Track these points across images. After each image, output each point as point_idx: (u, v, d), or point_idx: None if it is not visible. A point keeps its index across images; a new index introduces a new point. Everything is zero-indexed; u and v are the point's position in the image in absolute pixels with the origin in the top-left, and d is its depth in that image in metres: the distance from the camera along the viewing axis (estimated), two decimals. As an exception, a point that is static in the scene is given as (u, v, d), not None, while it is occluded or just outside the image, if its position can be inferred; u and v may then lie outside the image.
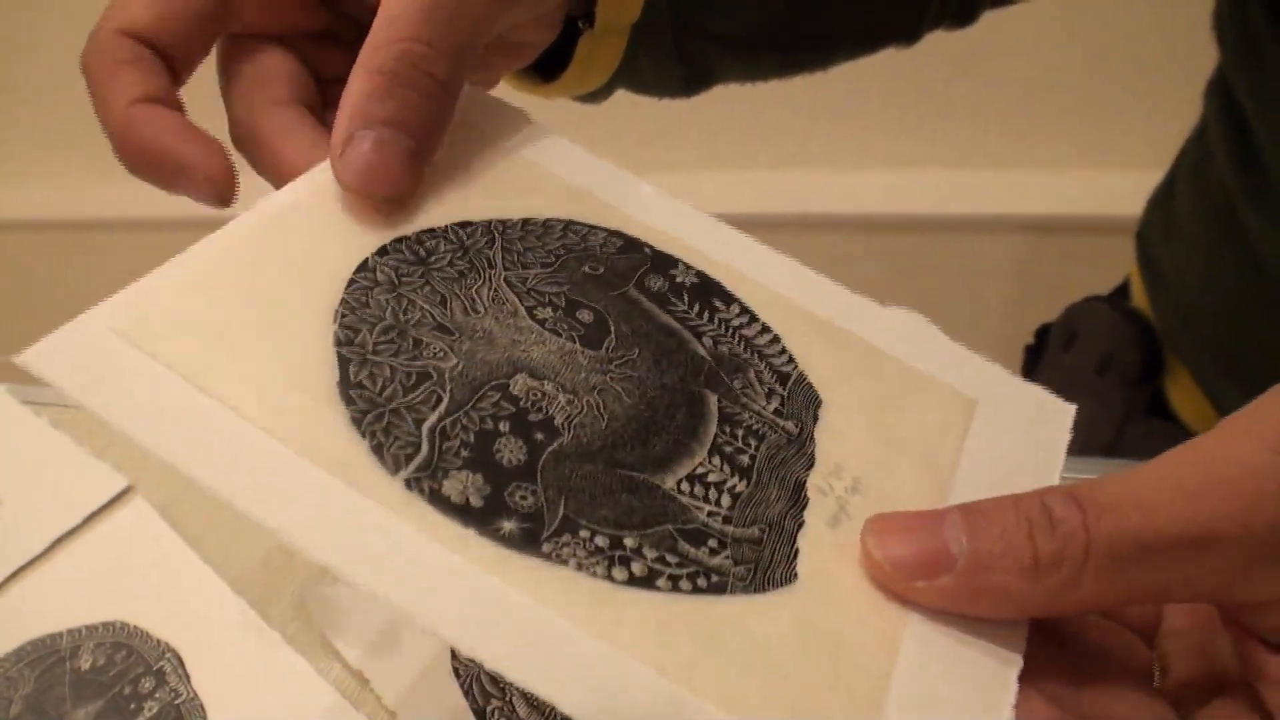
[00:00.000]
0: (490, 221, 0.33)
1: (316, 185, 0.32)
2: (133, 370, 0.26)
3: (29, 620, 0.45)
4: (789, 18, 0.47)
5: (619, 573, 0.25)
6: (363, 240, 0.31)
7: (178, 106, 0.33)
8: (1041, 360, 0.73)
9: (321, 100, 0.37)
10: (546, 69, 0.43)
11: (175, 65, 0.34)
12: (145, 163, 0.32)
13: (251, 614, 0.45)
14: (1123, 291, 0.73)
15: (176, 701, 0.42)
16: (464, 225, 0.32)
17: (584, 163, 0.35)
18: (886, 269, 1.23)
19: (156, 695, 0.42)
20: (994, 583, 0.25)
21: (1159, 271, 0.67)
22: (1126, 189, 0.74)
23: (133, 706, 0.42)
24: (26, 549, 0.47)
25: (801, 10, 0.47)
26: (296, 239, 0.30)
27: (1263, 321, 0.57)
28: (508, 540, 0.25)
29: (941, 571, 0.25)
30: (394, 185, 0.31)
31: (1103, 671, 0.27)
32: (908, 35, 0.52)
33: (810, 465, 0.30)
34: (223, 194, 0.32)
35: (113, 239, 1.40)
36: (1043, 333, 0.76)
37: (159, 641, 0.44)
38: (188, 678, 0.43)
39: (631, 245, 0.34)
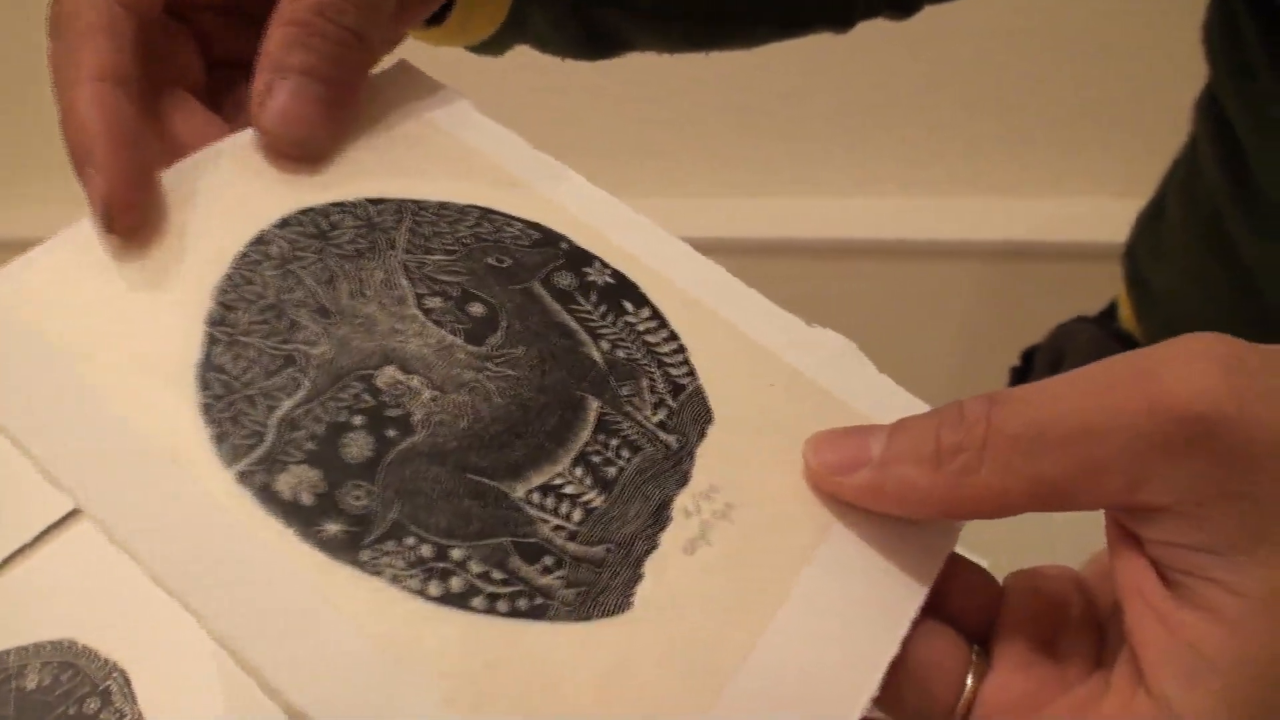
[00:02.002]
0: (404, 201, 0.32)
1: (218, 156, 0.31)
2: (9, 339, 0.26)
3: (-24, 638, 0.44)
4: None
5: (435, 587, 0.24)
6: (265, 210, 0.30)
7: (139, 89, 0.32)
8: (1028, 382, 0.73)
9: (208, 83, 0.36)
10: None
11: (148, 33, 0.33)
12: (71, 147, 0.31)
13: (200, 635, 0.44)
14: (1110, 313, 0.72)
15: (121, 722, 0.41)
16: (376, 202, 0.31)
17: (519, 150, 0.34)
18: (875, 294, 1.22)
19: (101, 716, 0.42)
20: (901, 473, 0.26)
21: (1148, 288, 0.66)
22: (1113, 215, 0.73)
23: (77, 727, 0.41)
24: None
25: None
26: (192, 210, 0.30)
27: (1252, 335, 0.57)
28: (326, 544, 0.24)
29: (860, 467, 0.27)
30: (310, 130, 0.31)
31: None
32: (840, 21, 0.51)
33: (683, 484, 0.28)
34: (106, 220, 0.29)
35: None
36: (1029, 355, 0.75)
37: (106, 661, 0.43)
38: (134, 698, 0.42)
39: (548, 239, 0.32)
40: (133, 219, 0.29)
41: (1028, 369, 0.74)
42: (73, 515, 0.49)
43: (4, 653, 0.44)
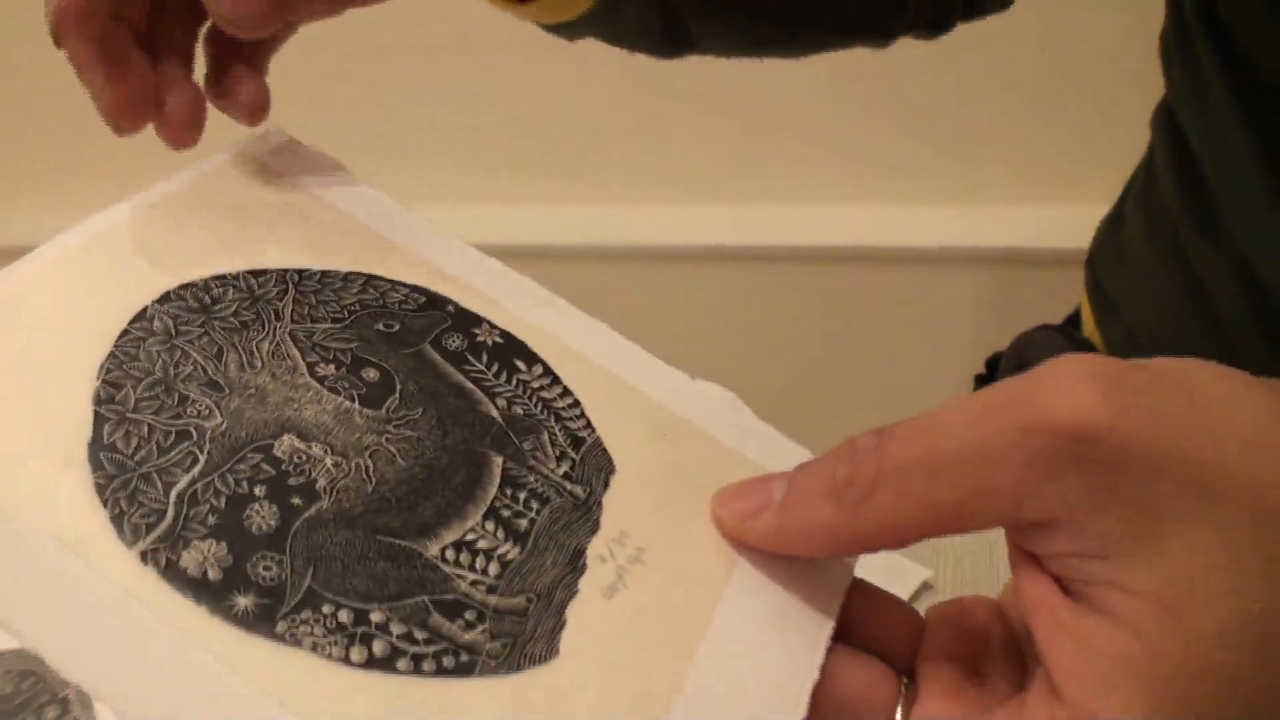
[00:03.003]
0: (287, 271, 0.32)
1: (104, 229, 0.31)
2: None
3: (-63, 648, 0.45)
4: None
5: (357, 653, 0.24)
6: (145, 287, 0.30)
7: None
8: None
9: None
10: None
11: None
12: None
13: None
14: (1074, 321, 0.73)
15: (79, 729, 0.42)
16: (258, 274, 0.31)
17: (397, 217, 0.35)
18: (842, 301, 1.24)
19: (59, 723, 0.42)
20: (803, 512, 0.27)
21: (1108, 298, 0.67)
22: (1077, 222, 0.74)
23: (35, 734, 0.42)
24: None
25: None
26: (73, 288, 0.29)
27: (1207, 345, 0.57)
28: (240, 619, 0.24)
29: (764, 511, 0.28)
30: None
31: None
32: (882, 33, 0.52)
33: (594, 531, 0.28)
34: (54, 35, 0.33)
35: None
36: (993, 363, 0.76)
37: (66, 670, 0.44)
38: (92, 707, 0.43)
39: (434, 303, 0.33)
40: (75, 33, 0.32)
41: (992, 376, 0.74)
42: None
43: (-35, 661, 0.45)
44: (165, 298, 0.30)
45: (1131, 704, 0.23)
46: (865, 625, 0.29)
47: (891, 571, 0.46)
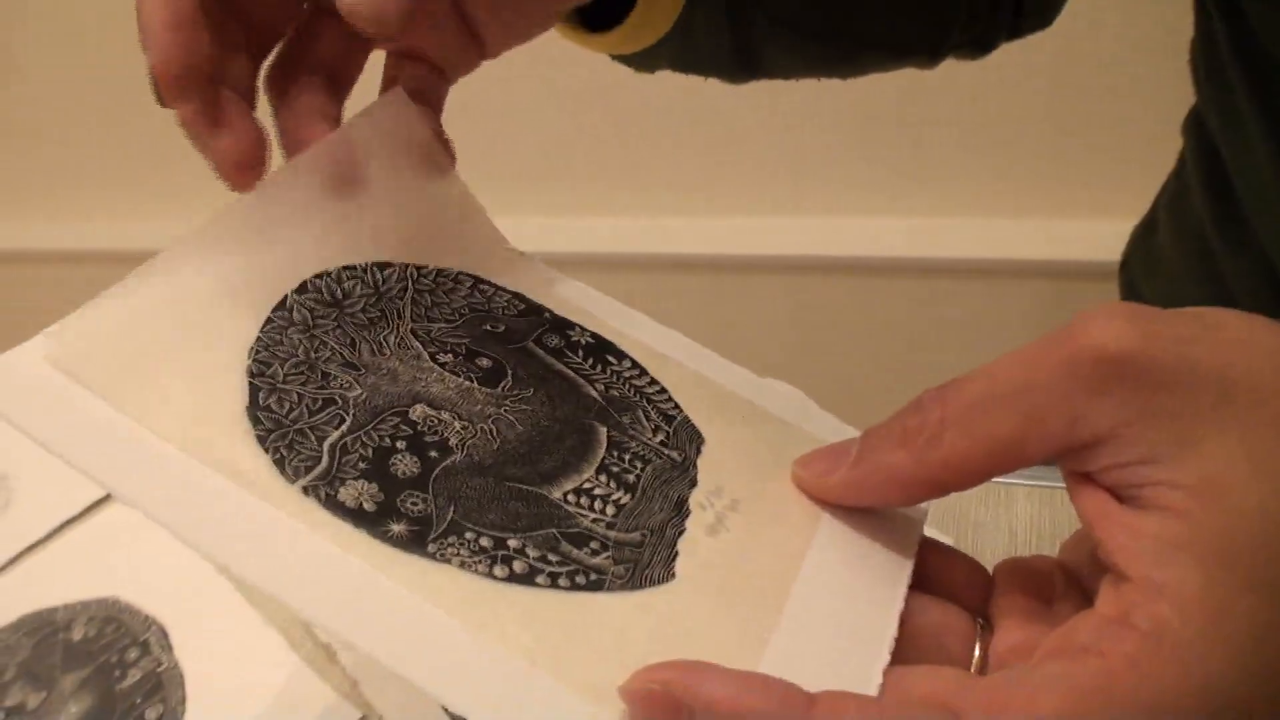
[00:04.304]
0: (407, 266, 0.35)
1: (243, 221, 0.33)
2: (65, 398, 0.28)
3: (30, 595, 0.48)
4: (833, 5, 0.50)
5: (500, 570, 0.27)
6: (284, 276, 0.33)
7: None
8: None
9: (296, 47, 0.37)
10: (592, 19, 0.45)
11: None
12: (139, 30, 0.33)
13: (235, 595, 0.48)
14: None
15: (158, 670, 0.45)
16: (383, 267, 0.35)
17: (496, 238, 0.38)
18: (882, 313, 1.27)
19: (140, 664, 0.45)
20: (877, 461, 0.30)
21: (1141, 301, 0.68)
22: (1119, 238, 0.75)
23: (117, 674, 0.45)
24: (32, 533, 0.50)
25: (845, 2, 0.50)
26: (221, 276, 0.32)
27: None
28: (395, 540, 0.27)
29: (842, 465, 0.31)
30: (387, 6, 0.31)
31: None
32: (931, 53, 0.55)
33: (693, 485, 0.32)
34: (155, 92, 0.33)
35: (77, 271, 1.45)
36: None
37: (147, 616, 0.47)
38: (171, 649, 0.46)
39: (532, 309, 0.36)
40: (177, 94, 0.32)
41: None
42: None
43: (54, 609, 0.48)
44: (302, 288, 0.33)
45: (1188, 574, 0.25)
46: (938, 576, 0.32)
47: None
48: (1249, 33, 0.50)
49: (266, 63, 0.37)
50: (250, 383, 0.30)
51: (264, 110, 0.36)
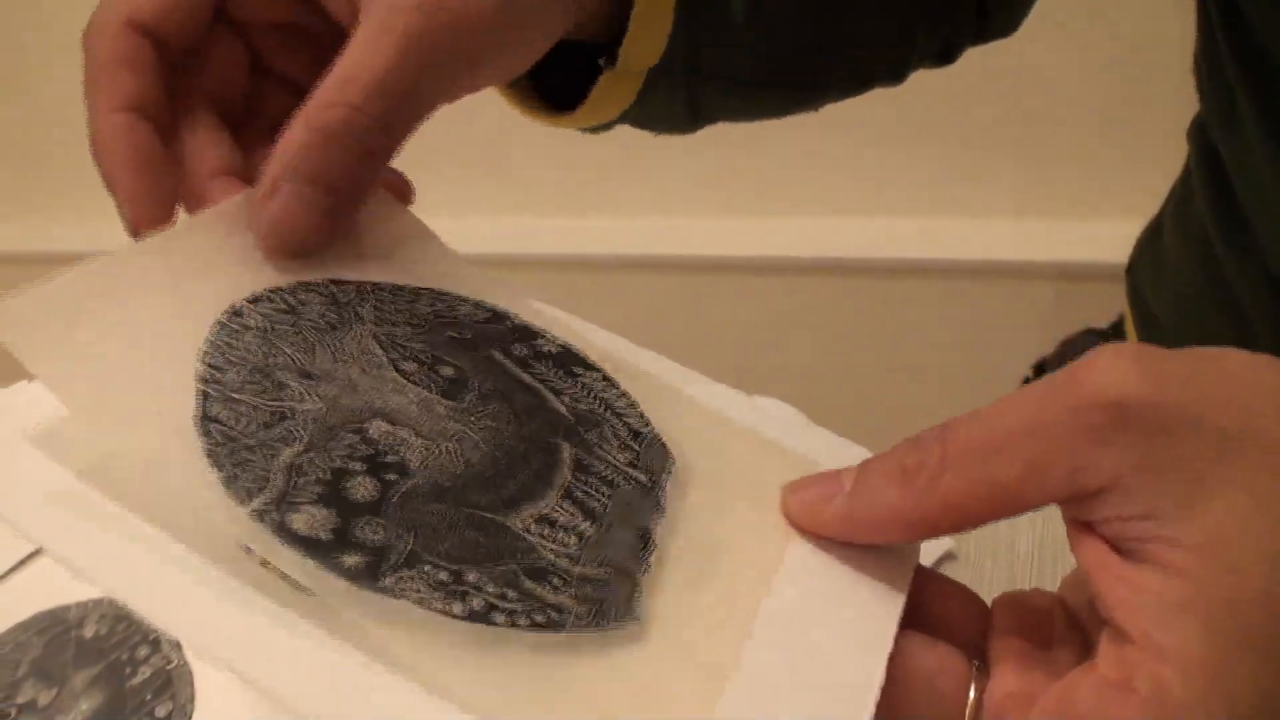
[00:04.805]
0: (364, 282, 0.34)
1: (210, 222, 0.33)
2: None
3: (42, 594, 0.49)
4: (792, 58, 0.49)
5: (458, 607, 0.26)
6: (240, 284, 0.32)
7: (162, 110, 0.34)
8: None
9: (251, 93, 0.38)
10: (551, 96, 0.45)
11: (174, 55, 0.35)
12: (101, 173, 0.33)
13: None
14: (1117, 329, 0.75)
15: (168, 667, 0.46)
16: (339, 283, 0.34)
17: (454, 258, 0.37)
18: (890, 314, 1.28)
19: (150, 661, 0.46)
20: (873, 497, 0.29)
21: (1148, 307, 0.68)
22: (1126, 240, 0.76)
23: (128, 671, 0.46)
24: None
25: (803, 51, 0.49)
26: (178, 274, 0.31)
27: None
28: (349, 573, 0.26)
29: (835, 497, 0.30)
30: (303, 243, 0.32)
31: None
32: (895, 75, 0.54)
33: (659, 511, 0.31)
34: (132, 229, 0.33)
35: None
36: (1040, 368, 0.78)
37: (158, 615, 0.48)
38: (181, 646, 0.47)
39: (497, 317, 0.35)
40: (147, 223, 0.33)
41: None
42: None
43: (66, 607, 0.49)
44: (255, 298, 0.32)
45: (1190, 635, 0.25)
46: (931, 611, 0.31)
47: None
48: (1248, 33, 0.49)
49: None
50: (200, 389, 0.28)
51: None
